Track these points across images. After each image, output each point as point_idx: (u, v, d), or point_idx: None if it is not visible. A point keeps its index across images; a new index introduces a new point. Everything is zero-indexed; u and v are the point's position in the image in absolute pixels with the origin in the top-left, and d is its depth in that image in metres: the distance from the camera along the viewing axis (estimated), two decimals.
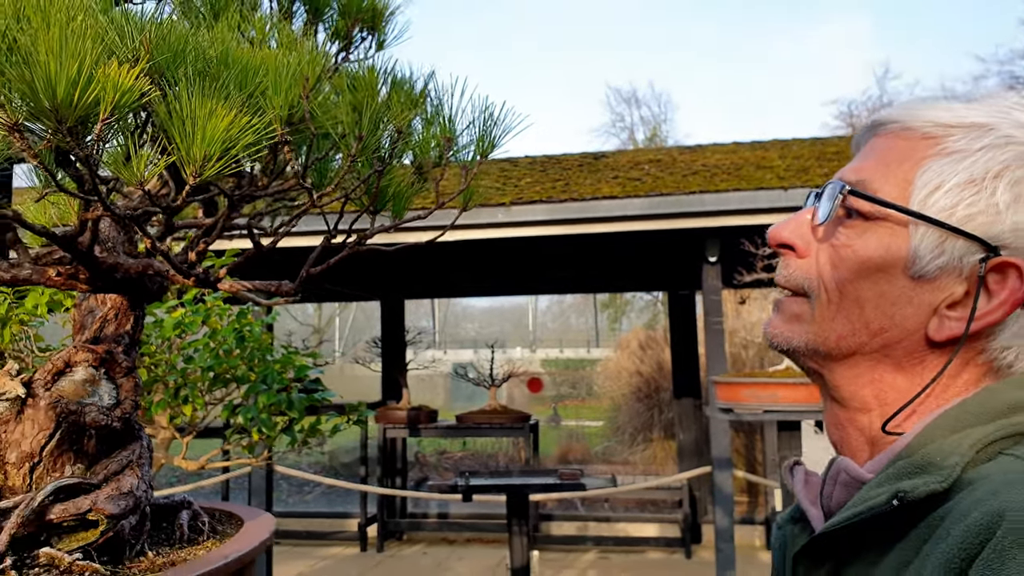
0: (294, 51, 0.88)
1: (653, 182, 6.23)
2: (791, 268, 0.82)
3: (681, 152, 7.64)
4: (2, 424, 1.19)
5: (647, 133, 34.32)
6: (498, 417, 7.63)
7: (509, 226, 5.98)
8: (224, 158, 0.76)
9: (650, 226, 5.73)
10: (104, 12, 0.93)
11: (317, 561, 7.28)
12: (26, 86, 0.68)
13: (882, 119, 0.81)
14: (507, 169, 7.59)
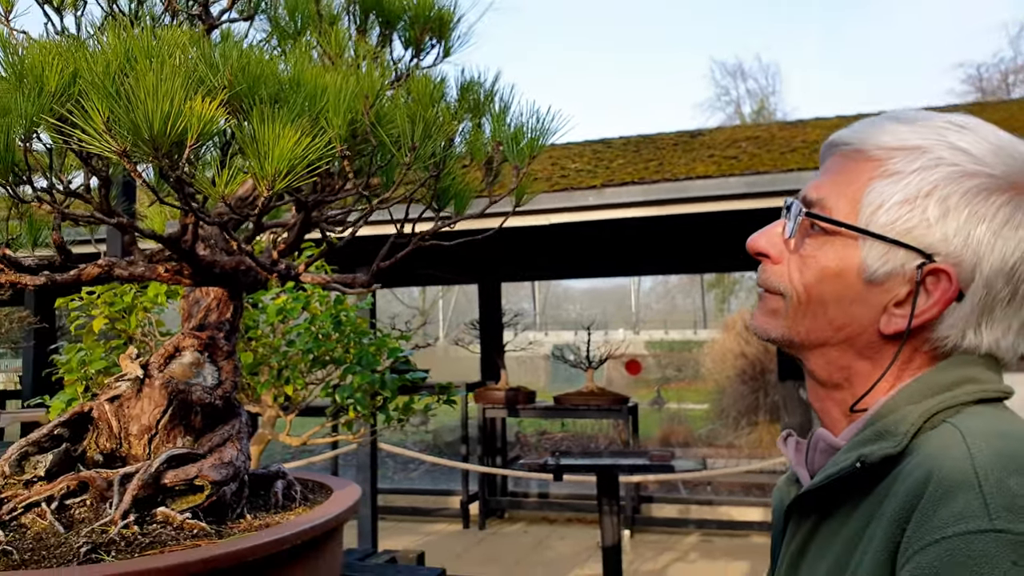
0: (353, 75, 0.98)
1: (749, 160, 6.11)
2: (767, 272, 0.97)
3: (781, 128, 7.45)
4: (125, 401, 1.38)
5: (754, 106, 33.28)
6: (595, 399, 7.69)
7: (600, 208, 6.00)
8: (291, 174, 0.88)
9: (746, 205, 5.63)
10: (196, 44, 1.07)
11: (421, 537, 7.58)
12: (130, 122, 0.82)
13: (838, 140, 0.95)
14: (600, 151, 7.60)
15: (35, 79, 1.03)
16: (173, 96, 0.82)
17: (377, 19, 1.55)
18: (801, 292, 0.92)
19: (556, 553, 7.11)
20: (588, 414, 7.87)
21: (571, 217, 6.00)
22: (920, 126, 0.88)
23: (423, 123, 1.02)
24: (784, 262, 0.95)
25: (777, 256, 0.96)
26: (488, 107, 1.69)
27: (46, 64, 1.04)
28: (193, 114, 0.83)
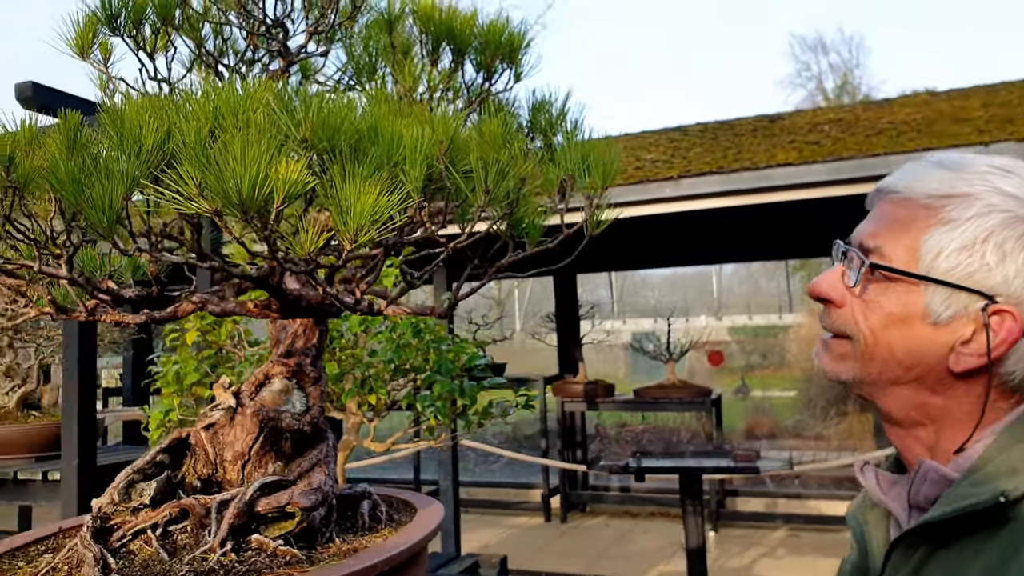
0: (428, 124, 1.01)
1: (833, 145, 5.92)
2: (833, 317, 1.01)
3: (865, 108, 7.17)
4: (220, 429, 1.45)
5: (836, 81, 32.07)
6: (677, 392, 7.61)
7: (677, 200, 5.92)
8: (371, 229, 0.91)
9: (830, 192, 5.46)
10: (277, 96, 1.12)
11: (503, 530, 7.68)
12: (220, 189, 0.87)
13: (887, 188, 1.00)
14: (676, 139, 7.48)
15: (134, 138, 1.10)
16: (260, 162, 0.86)
17: (448, 46, 1.57)
18: (868, 336, 0.96)
19: (639, 548, 7.09)
20: (669, 407, 7.79)
21: (648, 210, 5.94)
22: (966, 173, 0.93)
23: (496, 166, 1.04)
24: (848, 306, 0.99)
25: (840, 300, 1.00)
26: (560, 125, 1.70)
27: (143, 123, 1.10)
28: (279, 177, 0.87)
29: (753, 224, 7.23)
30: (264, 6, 1.56)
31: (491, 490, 8.87)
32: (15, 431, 3.39)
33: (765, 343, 24.65)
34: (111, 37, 1.61)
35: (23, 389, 3.54)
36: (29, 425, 3.43)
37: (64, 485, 3.09)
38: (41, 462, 3.44)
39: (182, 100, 1.12)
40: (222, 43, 1.74)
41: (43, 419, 3.51)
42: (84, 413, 3.12)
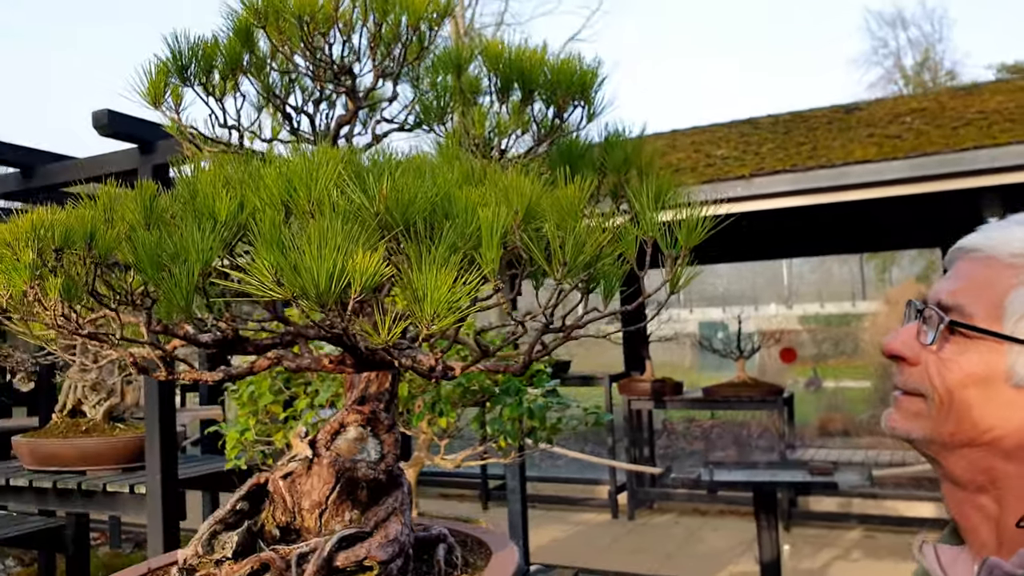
0: (504, 201, 0.98)
1: (915, 139, 5.66)
2: (906, 375, 0.98)
3: (952, 96, 6.83)
4: (297, 478, 1.46)
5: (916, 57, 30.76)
6: (747, 390, 7.46)
7: (749, 199, 5.77)
8: (447, 315, 0.89)
9: (912, 190, 5.24)
10: (347, 163, 1.10)
11: (571, 527, 7.67)
12: (298, 281, 0.86)
13: (969, 246, 0.97)
14: (747, 133, 7.28)
15: (208, 211, 1.10)
16: (336, 254, 0.84)
17: (517, 86, 1.54)
18: (944, 395, 0.92)
19: (709, 547, 6.99)
20: (740, 406, 7.64)
21: (718, 209, 5.80)
22: None
23: (573, 237, 1.01)
24: (923, 364, 0.96)
25: (914, 358, 0.97)
26: (636, 161, 1.65)
27: (216, 196, 1.10)
28: (356, 269, 0.85)
29: (828, 220, 7.01)
30: (331, 51, 1.55)
31: (557, 485, 8.86)
32: (102, 443, 3.54)
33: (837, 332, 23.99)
34: (182, 86, 1.63)
35: (109, 402, 3.68)
36: (115, 437, 3.57)
37: (149, 498, 3.21)
38: (127, 472, 3.58)
39: (254, 169, 1.12)
40: (289, 83, 1.74)
41: (128, 431, 3.65)
42: (165, 430, 3.23)
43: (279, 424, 2.89)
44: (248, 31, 1.54)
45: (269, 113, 1.82)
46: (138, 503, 3.28)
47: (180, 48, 1.54)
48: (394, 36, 1.63)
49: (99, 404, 3.66)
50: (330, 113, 1.79)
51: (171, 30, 1.54)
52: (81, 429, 3.64)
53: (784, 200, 5.57)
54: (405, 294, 0.90)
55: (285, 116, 1.75)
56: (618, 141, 1.63)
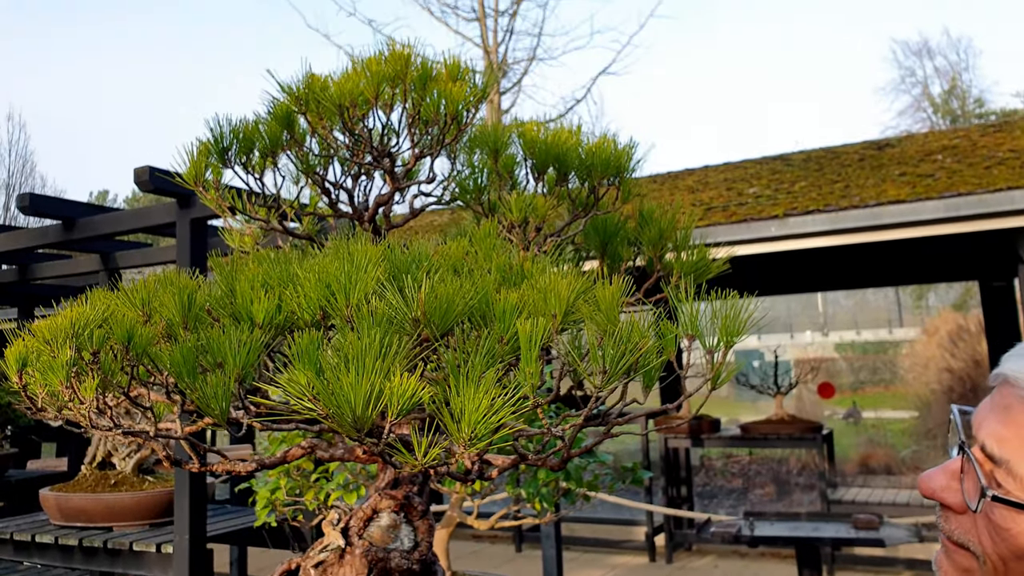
0: (544, 313, 0.96)
1: (948, 178, 5.57)
2: (952, 524, 0.84)
3: (983, 133, 6.73)
4: (329, 567, 1.44)
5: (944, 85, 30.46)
6: (785, 427, 7.32)
7: (783, 239, 5.70)
8: (485, 437, 0.87)
9: (946, 230, 5.14)
10: (384, 259, 1.09)
11: (607, 570, 7.53)
12: (334, 404, 0.84)
13: (1012, 378, 0.81)
14: (779, 171, 7.22)
15: (245, 312, 1.09)
16: (373, 376, 0.83)
17: (553, 168, 1.53)
18: (999, 564, 0.79)
19: None
20: (778, 443, 7.50)
21: (752, 249, 5.74)
22: None
23: (611, 342, 0.98)
24: (971, 519, 0.82)
25: (959, 506, 0.83)
26: (671, 236, 1.63)
27: (255, 297, 1.10)
28: (393, 392, 0.84)
29: (863, 258, 6.90)
30: (371, 137, 1.55)
31: (593, 527, 8.72)
32: (131, 499, 3.53)
33: (875, 360, 23.57)
34: (222, 167, 1.64)
35: (140, 454, 3.68)
36: (144, 492, 3.56)
37: (176, 560, 3.19)
38: (155, 528, 3.57)
39: (292, 272, 1.11)
40: (327, 158, 1.75)
41: (156, 485, 3.64)
42: (195, 485, 3.21)
43: (309, 482, 2.87)
44: (288, 116, 1.55)
45: (308, 185, 1.83)
46: (165, 562, 3.26)
47: (221, 130, 1.56)
48: (432, 119, 1.63)
49: (129, 456, 3.67)
50: (368, 186, 1.79)
51: (213, 114, 1.55)
52: (110, 483, 3.64)
53: (818, 240, 5.50)
54: (443, 412, 0.88)
55: (323, 190, 1.76)
56: (652, 217, 1.61)
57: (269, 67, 1.46)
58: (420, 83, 1.45)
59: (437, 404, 0.90)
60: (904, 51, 30.59)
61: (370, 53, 1.44)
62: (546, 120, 1.61)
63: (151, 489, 3.58)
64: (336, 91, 1.44)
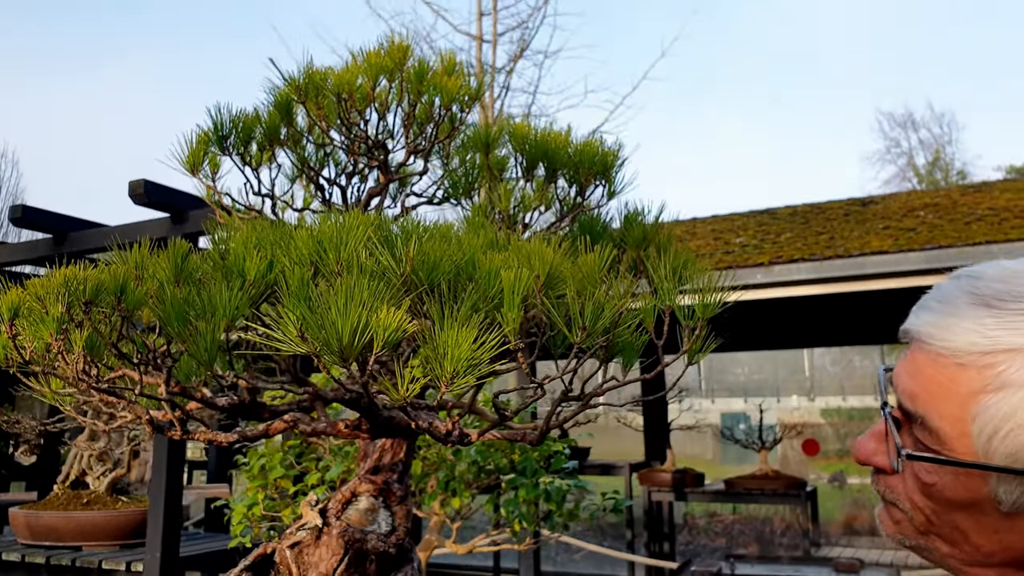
0: (526, 265, 1.00)
1: (929, 232, 5.70)
2: (883, 485, 0.84)
3: (963, 193, 6.90)
4: (305, 548, 1.44)
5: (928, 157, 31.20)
6: (770, 483, 7.28)
7: (768, 287, 5.78)
8: (467, 374, 0.89)
9: (928, 281, 5.20)
10: (377, 227, 1.13)
11: None
12: (321, 336, 0.87)
13: (915, 334, 0.80)
14: (765, 223, 7.34)
15: (237, 269, 1.12)
16: (360, 310, 0.85)
17: (543, 164, 1.58)
18: (925, 518, 0.79)
19: None
20: (762, 499, 7.44)
21: (737, 296, 5.81)
22: (1012, 315, 0.72)
23: (593, 303, 1.01)
24: (899, 477, 0.81)
25: (888, 467, 0.82)
26: (655, 238, 1.67)
27: (247, 255, 1.13)
28: (379, 324, 0.86)
29: (847, 310, 6.98)
30: (366, 127, 1.61)
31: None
32: (103, 517, 3.46)
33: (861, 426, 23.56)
34: (220, 155, 1.68)
35: (114, 474, 3.63)
36: (117, 512, 3.49)
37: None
38: (126, 550, 3.49)
39: (285, 231, 1.14)
40: (324, 157, 1.80)
41: (130, 505, 3.57)
42: (170, 504, 3.17)
43: (288, 499, 2.85)
44: (288, 105, 1.60)
45: (302, 185, 1.88)
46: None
47: (221, 119, 1.60)
48: (427, 116, 1.69)
49: (104, 475, 3.61)
50: (362, 187, 1.84)
51: (214, 102, 1.60)
52: (82, 501, 3.57)
53: (803, 288, 5.58)
54: (426, 350, 0.91)
55: (318, 187, 1.80)
56: (637, 219, 1.66)
57: (271, 56, 1.51)
58: (417, 78, 1.51)
59: (421, 341, 0.92)
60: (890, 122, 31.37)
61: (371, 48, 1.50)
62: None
63: (124, 509, 3.52)
64: (336, 81, 1.50)
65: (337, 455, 2.98)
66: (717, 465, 16.44)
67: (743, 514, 11.26)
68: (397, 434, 1.41)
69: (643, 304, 1.16)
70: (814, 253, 5.76)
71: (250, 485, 2.83)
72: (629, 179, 1.57)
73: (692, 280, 1.29)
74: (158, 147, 1.71)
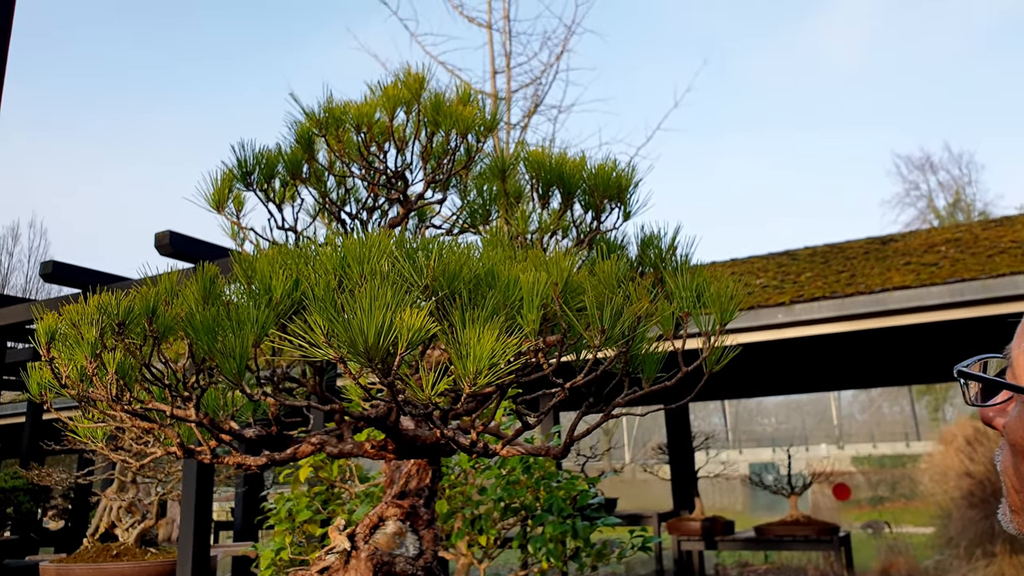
0: (544, 269, 1.02)
1: (951, 266, 5.66)
2: (996, 455, 0.84)
3: (984, 228, 6.88)
4: (334, 572, 1.44)
5: (948, 199, 31.10)
6: (801, 529, 7.12)
7: (790, 326, 5.75)
8: (490, 372, 0.91)
9: (951, 315, 5.19)
10: (400, 246, 1.16)
11: None
12: (347, 338, 0.89)
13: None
14: (784, 264, 7.34)
15: (264, 287, 1.16)
16: (385, 311, 0.88)
17: (558, 190, 1.62)
18: (1012, 477, 0.80)
19: None
20: (794, 546, 7.26)
21: (760, 336, 5.78)
22: None
23: (611, 307, 1.03)
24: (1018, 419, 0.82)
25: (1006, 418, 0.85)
26: (670, 258, 1.69)
27: (273, 273, 1.16)
28: (403, 324, 0.89)
29: (871, 348, 6.91)
30: (385, 159, 1.66)
31: None
32: (131, 568, 3.46)
33: (893, 473, 23.05)
34: (244, 191, 1.74)
35: (142, 525, 3.64)
36: (147, 563, 3.49)
37: None
38: None
39: (310, 251, 1.18)
40: (345, 193, 1.85)
41: (159, 556, 3.57)
42: (198, 554, 3.17)
43: (316, 543, 2.83)
44: (309, 140, 1.65)
45: (324, 222, 1.93)
46: None
47: (245, 156, 1.66)
48: (444, 150, 1.74)
49: (132, 527, 3.62)
50: (382, 221, 1.88)
51: (238, 139, 1.67)
52: (112, 553, 3.58)
53: (825, 327, 5.54)
54: (450, 350, 0.93)
55: (340, 222, 1.85)
56: (653, 240, 1.69)
57: (293, 91, 1.58)
58: (433, 108, 1.56)
59: (444, 342, 0.94)
60: (907, 166, 31.35)
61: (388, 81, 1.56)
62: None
63: (153, 560, 3.51)
64: (355, 114, 1.55)
65: (362, 500, 2.97)
66: (747, 515, 16.09)
67: (776, 562, 10.98)
68: (423, 454, 1.42)
69: (661, 311, 1.18)
70: (835, 291, 5.73)
71: (277, 529, 2.83)
72: (644, 199, 1.60)
73: (709, 293, 1.31)
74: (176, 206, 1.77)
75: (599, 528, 2.86)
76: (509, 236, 1.56)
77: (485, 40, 14.46)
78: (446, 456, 1.47)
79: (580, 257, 1.69)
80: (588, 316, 1.12)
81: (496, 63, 14.52)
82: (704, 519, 7.48)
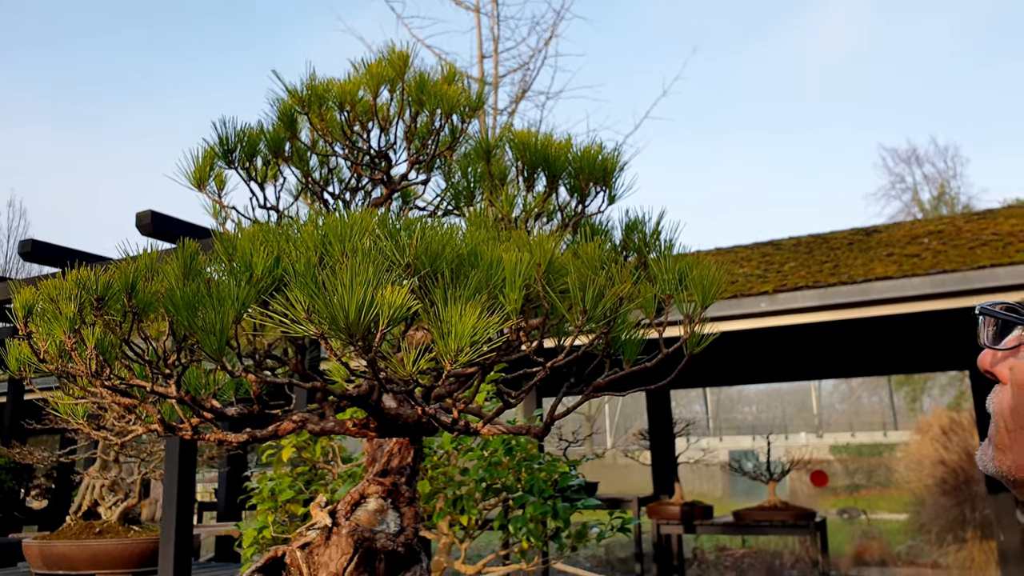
0: (527, 249, 1.03)
1: (933, 258, 5.72)
2: (990, 396, 0.82)
3: (967, 220, 6.93)
4: (315, 548, 1.45)
5: (933, 192, 31.30)
6: (779, 514, 7.20)
7: (773, 315, 5.79)
8: (471, 349, 0.91)
9: (932, 306, 5.24)
10: (382, 224, 1.16)
11: None
12: (328, 314, 0.89)
13: None
14: (769, 254, 7.38)
15: (245, 264, 1.15)
16: (366, 287, 0.88)
17: (543, 172, 1.62)
18: (1008, 417, 0.78)
19: None
20: (771, 531, 7.35)
21: (743, 324, 5.82)
22: None
23: (593, 287, 1.04)
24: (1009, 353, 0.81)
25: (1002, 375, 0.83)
26: (654, 243, 1.70)
27: (254, 250, 1.16)
28: (384, 301, 0.89)
29: (852, 338, 6.98)
30: (369, 138, 1.65)
31: None
32: (114, 545, 3.46)
33: (870, 462, 23.35)
34: (226, 169, 1.73)
35: (125, 503, 3.63)
36: (129, 540, 3.50)
37: None
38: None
39: (291, 228, 1.18)
40: (327, 172, 1.84)
41: (142, 533, 3.58)
42: (181, 531, 3.17)
43: (298, 522, 2.84)
44: (291, 117, 1.64)
45: (306, 202, 1.92)
46: None
47: (226, 133, 1.65)
48: (428, 130, 1.73)
49: (115, 505, 3.62)
50: (365, 201, 1.88)
51: (219, 116, 1.65)
52: (95, 531, 3.58)
53: (808, 316, 5.58)
54: (431, 328, 0.93)
55: (323, 202, 1.84)
56: (638, 224, 1.69)
57: (275, 69, 1.56)
58: (418, 87, 1.56)
59: (425, 319, 0.95)
60: (893, 158, 31.48)
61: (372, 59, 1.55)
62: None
63: (136, 537, 3.52)
64: (338, 92, 1.54)
65: (345, 480, 2.98)
66: (726, 501, 16.25)
67: (753, 546, 11.11)
68: (405, 432, 1.43)
69: (643, 294, 1.19)
70: (819, 281, 5.77)
71: (260, 508, 2.83)
72: (629, 183, 1.60)
73: (691, 276, 1.31)
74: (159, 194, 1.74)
75: (580, 512, 2.89)
76: (493, 218, 1.56)
77: (473, 24, 14.36)
78: (428, 435, 1.47)
79: (564, 240, 1.70)
80: (571, 298, 1.13)
81: (484, 48, 14.44)
82: (684, 504, 7.56)
